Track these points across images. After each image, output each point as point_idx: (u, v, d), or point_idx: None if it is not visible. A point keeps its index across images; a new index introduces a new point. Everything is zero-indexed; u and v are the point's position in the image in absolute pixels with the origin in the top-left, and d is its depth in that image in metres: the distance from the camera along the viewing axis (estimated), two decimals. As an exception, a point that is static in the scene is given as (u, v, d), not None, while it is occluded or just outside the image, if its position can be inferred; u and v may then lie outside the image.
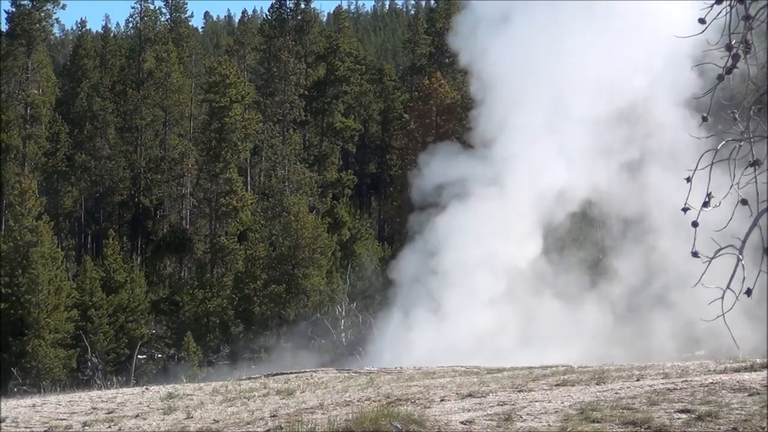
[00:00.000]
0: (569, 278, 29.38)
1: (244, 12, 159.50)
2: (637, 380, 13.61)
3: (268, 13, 69.51)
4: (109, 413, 14.65)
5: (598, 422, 10.50)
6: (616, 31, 27.68)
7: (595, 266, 31.97)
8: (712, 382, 12.46)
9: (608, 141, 28.47)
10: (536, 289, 28.89)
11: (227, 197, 50.17)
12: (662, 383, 12.91)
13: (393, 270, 30.35)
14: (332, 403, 13.52)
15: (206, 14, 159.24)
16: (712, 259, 5.70)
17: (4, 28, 56.51)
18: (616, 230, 31.04)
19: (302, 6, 68.15)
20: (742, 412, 10.64)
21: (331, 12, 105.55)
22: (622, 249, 30.36)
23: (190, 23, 72.02)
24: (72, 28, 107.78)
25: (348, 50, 68.24)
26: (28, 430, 13.72)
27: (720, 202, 5.59)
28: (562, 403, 11.79)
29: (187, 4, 69.10)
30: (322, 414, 12.30)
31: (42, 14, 56.08)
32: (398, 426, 10.27)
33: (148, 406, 15.25)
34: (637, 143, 29.09)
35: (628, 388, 12.78)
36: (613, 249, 31.23)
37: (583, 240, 35.49)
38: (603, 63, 27.64)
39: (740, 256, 5.59)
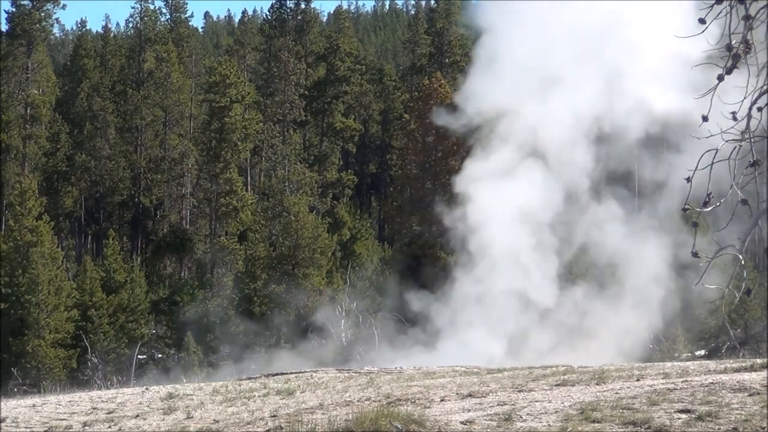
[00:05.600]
0: None
1: (244, 12, 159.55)
2: (637, 380, 13.61)
3: (268, 13, 69.63)
4: (109, 413, 14.65)
5: (598, 422, 10.50)
6: None
7: None
8: (712, 382, 12.45)
9: None
10: None
11: (227, 197, 50.17)
12: (662, 383, 12.91)
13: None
14: (332, 403, 13.52)
15: (206, 14, 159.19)
16: (712, 259, 5.70)
17: (4, 28, 56.58)
18: None
19: (302, 6, 68.20)
20: (742, 412, 10.64)
21: (331, 12, 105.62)
22: None
23: (190, 23, 72.05)
24: (72, 28, 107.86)
25: (348, 50, 68.28)
26: (28, 430, 13.72)
27: (720, 202, 5.59)
28: (562, 403, 11.78)
29: (187, 4, 69.15)
30: (322, 414, 12.30)
31: (42, 14, 56.07)
32: (398, 426, 10.27)
33: (148, 406, 15.25)
34: None
35: (628, 388, 12.78)
36: None
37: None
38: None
39: (740, 256, 5.59)
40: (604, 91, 28.18)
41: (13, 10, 55.85)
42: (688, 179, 5.64)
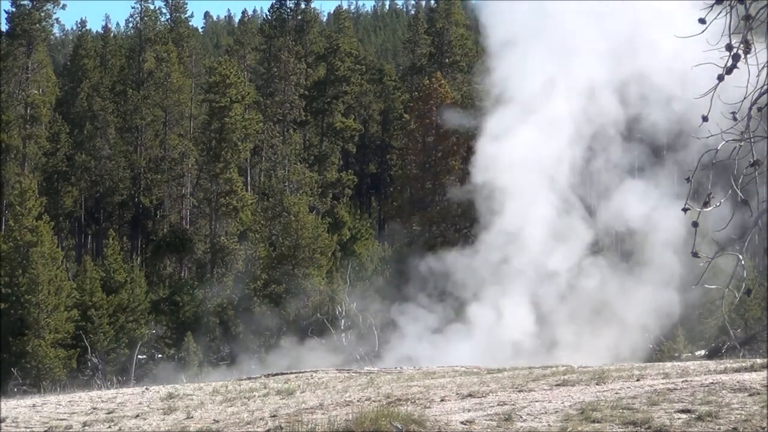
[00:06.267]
0: None
1: (244, 12, 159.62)
2: (637, 380, 13.61)
3: (268, 13, 69.61)
4: (109, 413, 14.65)
5: (598, 422, 10.50)
6: None
7: None
8: (712, 382, 12.45)
9: None
10: None
11: (227, 197, 50.18)
12: (662, 383, 12.91)
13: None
14: (332, 403, 13.52)
15: (206, 14, 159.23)
16: (712, 258, 5.71)
17: (4, 28, 56.58)
18: None
19: (302, 6, 68.19)
20: (742, 412, 10.64)
21: (331, 12, 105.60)
22: None
23: (190, 23, 71.98)
24: (72, 28, 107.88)
25: (348, 50, 68.29)
26: (28, 430, 13.72)
27: (720, 202, 5.59)
28: (562, 403, 11.78)
29: (187, 4, 69.09)
30: (322, 414, 12.30)
31: (42, 14, 56.06)
32: (398, 426, 10.26)
33: (148, 406, 15.25)
34: None
35: (628, 388, 12.78)
36: None
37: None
38: None
39: (740, 256, 5.59)
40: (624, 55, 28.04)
41: (13, 10, 55.88)
42: (688, 179, 5.64)
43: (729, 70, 5.38)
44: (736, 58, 5.34)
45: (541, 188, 29.06)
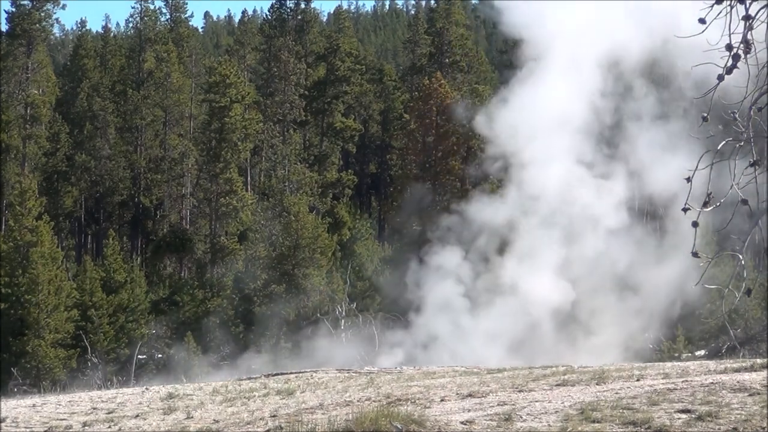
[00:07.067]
0: None
1: (244, 12, 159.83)
2: (637, 380, 13.62)
3: (268, 13, 69.67)
4: (109, 413, 14.65)
5: (598, 422, 10.50)
6: None
7: None
8: (712, 382, 12.45)
9: None
10: None
11: (227, 197, 50.19)
12: (662, 383, 12.91)
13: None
14: (332, 403, 13.53)
15: (206, 14, 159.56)
16: (712, 259, 5.70)
17: (4, 28, 56.61)
18: None
19: (302, 6, 68.23)
20: (742, 412, 10.64)
21: (331, 12, 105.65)
22: None
23: (190, 23, 72.06)
24: (72, 28, 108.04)
25: (348, 50, 68.32)
26: (28, 430, 13.72)
27: (720, 202, 5.59)
28: (562, 403, 11.78)
29: (187, 4, 69.13)
30: (322, 414, 12.30)
31: (42, 14, 56.08)
32: (398, 426, 10.26)
33: (148, 406, 15.26)
34: None
35: (628, 388, 12.78)
36: None
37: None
38: None
39: (740, 256, 5.58)
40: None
41: (13, 10, 55.90)
42: (688, 179, 5.64)
43: (729, 70, 5.37)
44: (736, 58, 5.34)
45: (564, 146, 28.69)
